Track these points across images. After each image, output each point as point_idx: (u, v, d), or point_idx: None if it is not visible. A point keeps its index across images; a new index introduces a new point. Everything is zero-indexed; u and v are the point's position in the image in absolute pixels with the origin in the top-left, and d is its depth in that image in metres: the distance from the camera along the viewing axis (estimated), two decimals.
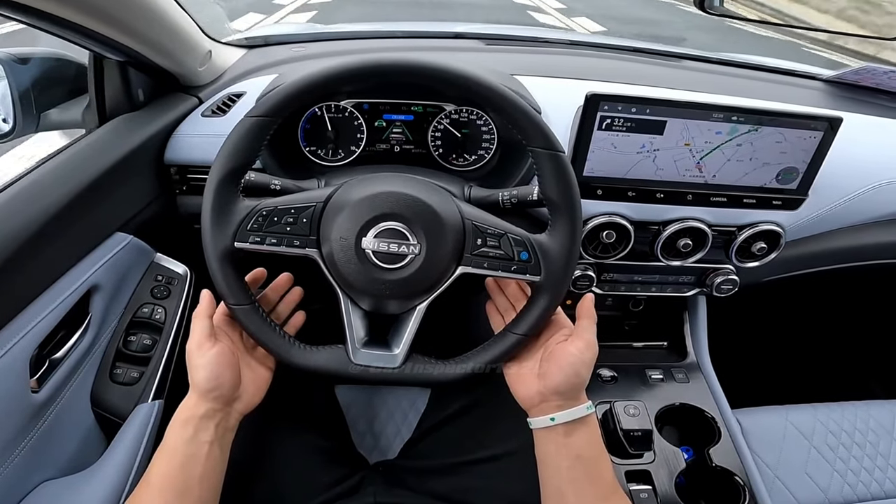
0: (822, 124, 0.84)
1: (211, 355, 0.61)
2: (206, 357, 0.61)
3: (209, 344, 0.62)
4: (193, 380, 0.61)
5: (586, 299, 0.68)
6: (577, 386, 0.63)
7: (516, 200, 0.75)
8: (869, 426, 1.03)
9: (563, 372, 0.62)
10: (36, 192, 0.70)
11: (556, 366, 0.62)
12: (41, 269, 0.68)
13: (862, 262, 1.09)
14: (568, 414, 0.61)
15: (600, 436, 0.64)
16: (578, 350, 0.62)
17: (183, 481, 0.57)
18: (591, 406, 0.63)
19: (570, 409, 0.62)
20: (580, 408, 0.62)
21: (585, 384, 0.63)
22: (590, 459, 0.62)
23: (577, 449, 0.61)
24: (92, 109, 0.86)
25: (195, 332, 0.63)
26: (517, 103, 0.60)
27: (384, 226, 0.60)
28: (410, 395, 0.98)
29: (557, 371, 0.62)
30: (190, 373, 0.61)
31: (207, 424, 0.60)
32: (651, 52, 1.25)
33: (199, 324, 0.63)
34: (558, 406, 0.62)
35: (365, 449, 0.90)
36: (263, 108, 0.59)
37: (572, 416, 0.61)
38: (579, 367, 0.62)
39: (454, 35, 1.28)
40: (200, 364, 0.61)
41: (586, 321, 0.66)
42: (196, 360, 0.61)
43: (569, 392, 0.62)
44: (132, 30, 0.75)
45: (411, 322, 0.64)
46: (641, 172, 0.87)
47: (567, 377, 0.62)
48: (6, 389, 0.63)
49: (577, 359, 0.62)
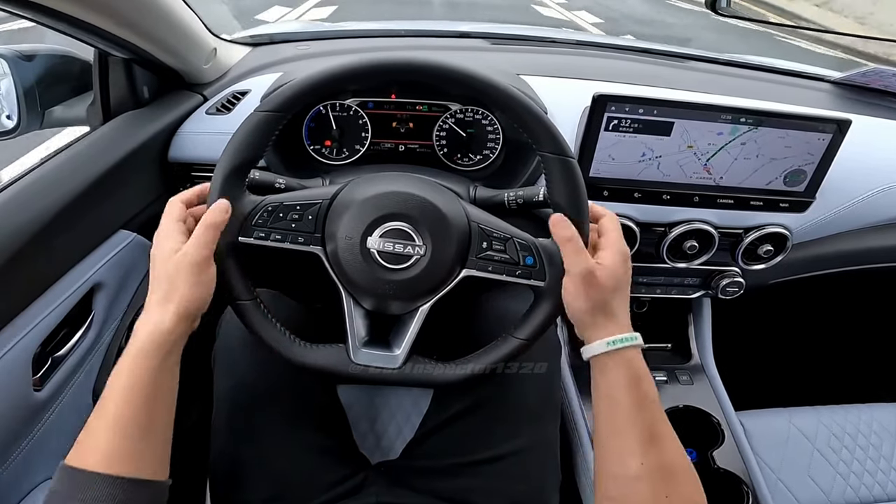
0: (831, 126, 0.83)
1: (212, 276, 0.57)
2: (208, 276, 0.56)
3: (210, 262, 0.56)
4: (183, 297, 0.54)
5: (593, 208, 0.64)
6: (607, 305, 0.58)
7: (522, 201, 0.74)
8: (872, 429, 1.02)
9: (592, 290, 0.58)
10: (39, 189, 0.69)
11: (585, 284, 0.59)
12: (44, 266, 0.68)
13: (868, 266, 1.09)
14: (593, 348, 0.58)
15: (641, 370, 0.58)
16: (609, 264, 0.59)
17: (147, 421, 0.52)
18: (632, 338, 0.58)
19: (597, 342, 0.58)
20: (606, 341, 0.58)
21: (596, 306, 0.58)
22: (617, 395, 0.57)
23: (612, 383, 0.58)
24: (96, 107, 0.86)
25: (200, 245, 0.56)
26: (528, 106, 0.59)
27: (390, 226, 0.60)
28: (413, 395, 0.97)
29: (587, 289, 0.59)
30: (177, 288, 0.54)
31: (177, 349, 0.55)
32: (658, 52, 1.25)
33: (209, 234, 0.56)
34: (605, 329, 0.58)
35: (367, 449, 0.90)
36: (273, 103, 0.59)
37: (595, 350, 0.58)
38: (605, 283, 0.58)
39: (459, 34, 1.27)
40: (202, 282, 0.56)
41: (611, 233, 0.62)
42: (196, 278, 0.55)
43: (602, 310, 0.59)
44: (138, 27, 0.75)
45: (413, 323, 0.64)
46: (648, 174, 0.86)
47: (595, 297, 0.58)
48: (8, 387, 0.63)
49: (604, 275, 0.58)
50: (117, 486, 0.48)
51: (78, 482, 0.48)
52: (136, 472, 0.50)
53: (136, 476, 0.50)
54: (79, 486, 0.48)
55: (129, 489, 0.49)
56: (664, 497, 0.53)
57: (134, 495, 0.49)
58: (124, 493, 0.48)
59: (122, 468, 0.49)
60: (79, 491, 0.47)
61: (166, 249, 0.56)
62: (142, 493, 0.50)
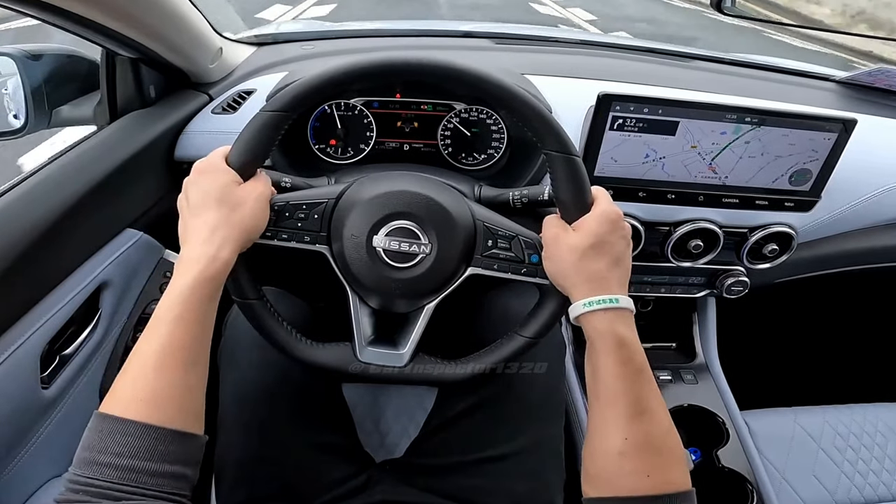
0: (837, 126, 0.83)
1: (263, 193, 0.57)
2: (268, 214, 0.57)
3: (268, 206, 0.57)
4: (251, 227, 0.55)
5: None
6: (569, 270, 0.58)
7: (527, 200, 0.74)
8: (877, 428, 1.02)
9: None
10: (47, 188, 0.70)
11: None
12: (52, 265, 0.68)
13: (874, 265, 1.08)
14: (579, 306, 0.57)
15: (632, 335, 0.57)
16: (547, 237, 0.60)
17: (193, 355, 0.50)
18: (619, 300, 0.56)
19: (593, 297, 0.56)
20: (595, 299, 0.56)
21: (581, 268, 0.57)
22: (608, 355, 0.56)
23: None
24: (103, 106, 0.86)
25: (266, 187, 0.57)
26: (532, 104, 0.60)
27: (396, 224, 0.60)
28: (417, 393, 0.98)
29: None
30: (245, 217, 0.54)
31: (222, 284, 0.54)
32: (662, 52, 1.25)
33: (267, 183, 0.58)
34: (590, 289, 0.57)
35: (371, 447, 0.90)
36: (279, 103, 0.59)
37: (579, 308, 0.57)
38: (549, 259, 0.60)
39: (464, 34, 1.27)
40: (264, 216, 0.57)
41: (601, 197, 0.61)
42: (262, 209, 0.56)
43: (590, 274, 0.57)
44: (145, 27, 0.75)
45: (419, 321, 0.64)
46: (653, 174, 0.86)
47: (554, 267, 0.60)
48: (16, 385, 0.63)
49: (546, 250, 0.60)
50: (157, 438, 0.44)
51: (113, 432, 0.44)
52: (176, 423, 0.46)
53: (176, 427, 0.46)
54: (114, 437, 0.44)
55: (170, 441, 0.45)
56: (646, 476, 0.50)
57: (174, 447, 0.45)
58: (165, 446, 0.45)
59: (162, 416, 0.45)
60: (114, 443, 0.43)
61: (225, 179, 0.55)
62: (181, 447, 0.46)
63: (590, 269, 0.56)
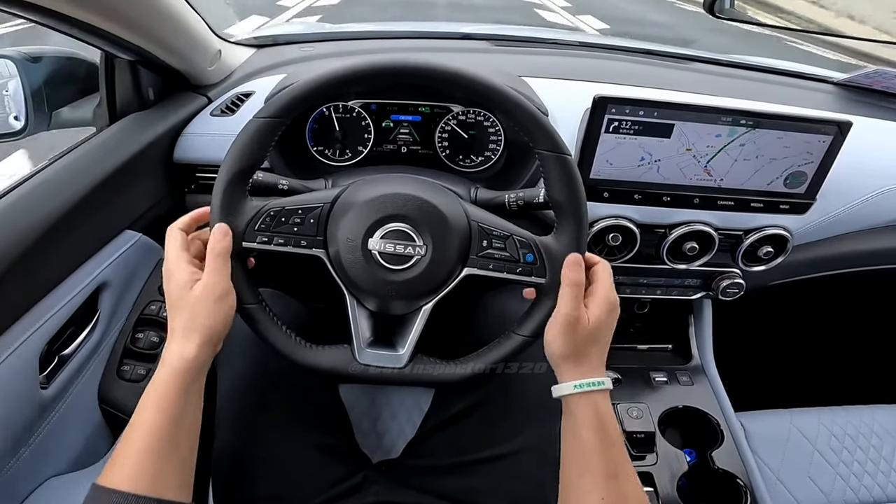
0: (832, 128, 0.84)
1: (231, 302, 0.58)
2: (227, 303, 0.58)
3: (229, 289, 0.58)
4: (206, 327, 0.56)
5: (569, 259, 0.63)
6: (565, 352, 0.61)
7: (522, 202, 0.75)
8: (873, 430, 1.03)
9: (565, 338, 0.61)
10: (46, 190, 0.70)
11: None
12: (51, 266, 0.69)
13: (869, 267, 1.09)
14: (562, 388, 0.61)
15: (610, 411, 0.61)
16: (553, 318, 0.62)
17: (174, 435, 0.54)
18: (603, 381, 0.60)
19: (567, 383, 0.61)
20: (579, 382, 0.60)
21: (574, 350, 0.60)
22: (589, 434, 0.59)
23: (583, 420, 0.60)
24: (103, 108, 0.87)
25: (215, 275, 0.57)
26: (523, 105, 0.60)
27: (390, 227, 0.61)
28: (414, 394, 0.98)
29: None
30: (198, 319, 0.56)
31: (202, 374, 0.58)
32: (660, 53, 1.25)
33: (219, 262, 0.58)
34: (577, 372, 0.61)
35: (368, 448, 0.90)
36: (272, 109, 0.60)
37: (564, 390, 0.60)
38: (549, 336, 0.61)
39: (462, 36, 1.28)
40: (221, 311, 0.57)
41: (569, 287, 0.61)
42: (216, 307, 0.57)
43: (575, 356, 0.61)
44: (143, 29, 0.76)
45: (416, 322, 0.64)
46: (648, 176, 0.87)
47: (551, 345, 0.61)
48: (16, 385, 0.64)
49: (549, 328, 0.62)
50: (139, 502, 0.50)
51: (105, 501, 0.50)
52: (160, 492, 0.52)
53: (160, 496, 0.51)
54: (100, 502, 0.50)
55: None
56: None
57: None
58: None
59: (147, 487, 0.51)
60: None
61: (181, 282, 0.57)
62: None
63: (584, 353, 0.61)
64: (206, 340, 0.56)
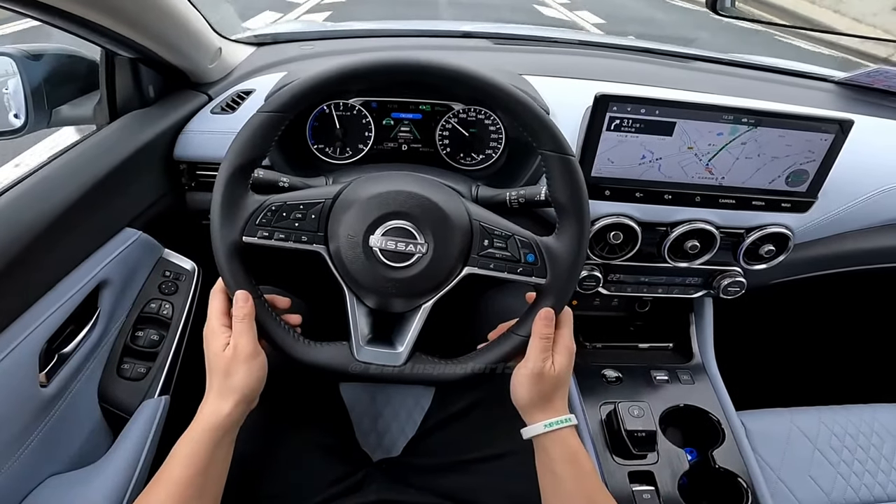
0: (833, 126, 0.83)
1: (261, 362, 0.61)
2: (257, 363, 0.61)
3: (257, 351, 0.61)
4: (240, 387, 0.59)
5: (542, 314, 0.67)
6: (533, 399, 0.64)
7: (524, 200, 0.75)
8: (874, 429, 1.03)
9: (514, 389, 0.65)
10: (47, 187, 0.70)
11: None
12: (51, 264, 0.69)
13: (871, 266, 1.08)
14: (534, 429, 0.64)
15: (578, 443, 0.65)
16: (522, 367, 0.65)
17: (202, 484, 0.57)
18: (569, 419, 0.64)
19: (538, 423, 0.64)
20: (549, 421, 0.64)
21: (540, 396, 0.64)
22: (563, 465, 0.63)
23: (555, 456, 0.64)
24: (103, 106, 0.86)
25: (243, 338, 0.60)
26: (527, 104, 0.60)
27: (392, 224, 0.61)
28: (415, 392, 0.98)
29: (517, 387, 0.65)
30: (232, 379, 0.60)
31: (235, 430, 0.61)
32: (661, 52, 1.25)
33: (246, 326, 0.61)
34: (544, 413, 0.65)
35: (369, 446, 0.91)
36: (275, 104, 0.59)
37: (534, 431, 0.64)
38: (517, 384, 0.65)
39: (463, 34, 1.27)
40: (252, 371, 0.60)
41: (539, 341, 0.65)
42: (245, 367, 0.60)
43: (538, 402, 0.64)
44: (144, 27, 0.76)
45: (416, 321, 0.64)
46: (650, 174, 0.86)
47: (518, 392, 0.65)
48: (15, 383, 0.63)
49: (517, 376, 0.65)
50: None
51: None
52: None
53: None
54: None
55: None
56: None
57: None
58: None
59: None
60: None
61: (218, 345, 0.61)
62: None
63: (549, 398, 0.64)
64: (241, 399, 0.59)
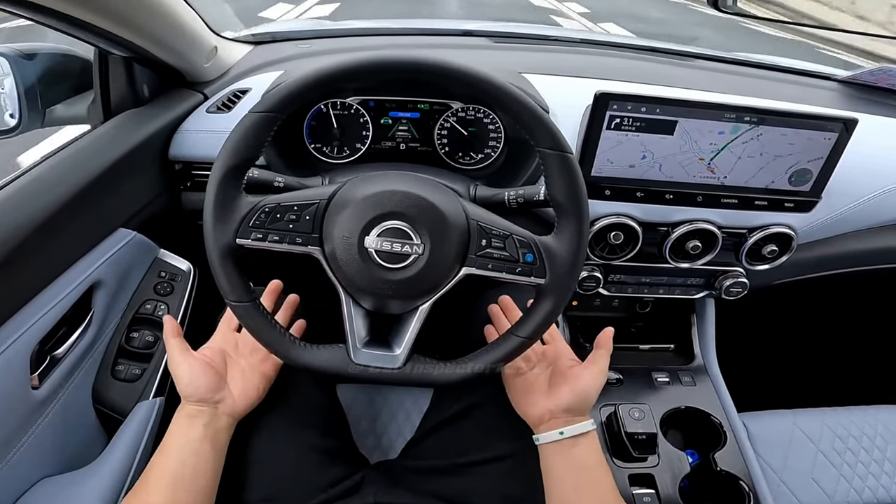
0: (837, 125, 0.82)
1: (186, 365, 0.68)
2: (181, 367, 0.68)
3: (183, 356, 0.68)
4: (184, 392, 0.67)
5: (606, 331, 0.75)
6: (586, 406, 0.69)
7: (522, 200, 0.74)
8: (877, 431, 1.02)
9: (575, 393, 0.68)
10: (40, 187, 0.69)
11: (569, 387, 0.69)
12: (44, 264, 0.68)
13: (875, 266, 1.07)
14: (575, 429, 0.67)
15: (600, 447, 0.69)
16: (592, 376, 0.70)
17: (175, 472, 0.62)
18: (594, 423, 0.69)
19: (577, 424, 0.67)
20: (585, 423, 0.68)
21: (592, 405, 0.70)
22: (592, 469, 0.67)
23: (581, 460, 0.67)
24: (97, 105, 0.86)
25: (171, 350, 0.69)
26: (525, 102, 0.59)
27: (388, 225, 0.59)
28: (413, 394, 0.97)
29: (569, 392, 0.69)
30: (179, 384, 0.68)
31: (195, 423, 0.65)
32: (662, 51, 1.24)
33: (171, 343, 0.70)
34: (566, 422, 0.68)
35: (366, 449, 0.90)
36: (268, 103, 0.58)
37: (578, 430, 0.67)
38: (590, 391, 0.69)
39: (463, 32, 1.27)
40: (177, 373, 0.68)
41: (603, 350, 0.73)
42: (174, 370, 0.68)
43: (577, 410, 0.69)
44: (137, 26, 0.75)
45: (413, 322, 0.63)
46: (651, 173, 0.85)
47: (578, 398, 0.68)
48: (7, 385, 0.63)
49: (589, 383, 0.69)
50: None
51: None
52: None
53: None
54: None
55: None
56: None
57: None
58: None
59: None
60: None
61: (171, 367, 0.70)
62: None
63: (573, 411, 0.69)
64: (183, 396, 0.68)
